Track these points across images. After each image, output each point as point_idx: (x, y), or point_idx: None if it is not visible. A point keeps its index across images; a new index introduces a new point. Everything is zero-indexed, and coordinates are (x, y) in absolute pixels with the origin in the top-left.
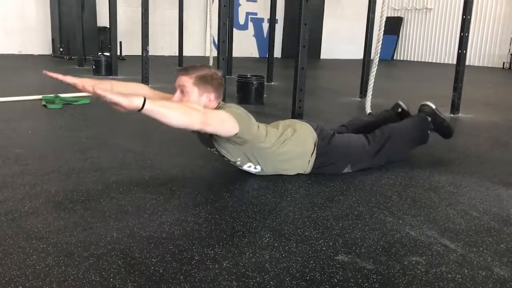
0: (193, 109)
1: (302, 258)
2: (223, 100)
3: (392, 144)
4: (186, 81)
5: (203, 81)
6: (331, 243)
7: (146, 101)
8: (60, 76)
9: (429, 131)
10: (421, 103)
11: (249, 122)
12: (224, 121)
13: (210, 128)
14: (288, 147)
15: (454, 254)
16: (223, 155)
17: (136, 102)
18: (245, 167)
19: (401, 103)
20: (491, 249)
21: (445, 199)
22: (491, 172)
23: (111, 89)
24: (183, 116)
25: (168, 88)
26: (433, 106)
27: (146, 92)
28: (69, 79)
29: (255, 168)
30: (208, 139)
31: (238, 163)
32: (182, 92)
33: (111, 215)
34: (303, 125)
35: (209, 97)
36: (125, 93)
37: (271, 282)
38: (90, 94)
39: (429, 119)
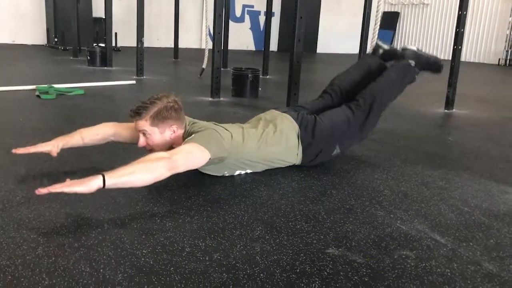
0: (156, 160)
1: (292, 251)
2: (218, 96)
3: (377, 108)
4: (143, 125)
5: (159, 119)
6: (322, 237)
7: (106, 178)
8: (31, 149)
9: (416, 75)
10: (402, 47)
11: (219, 141)
12: (192, 155)
13: (180, 170)
14: (271, 147)
15: (444, 249)
16: (208, 174)
17: (96, 184)
18: (236, 174)
19: (379, 42)
20: (481, 244)
21: (437, 194)
22: (484, 167)
23: (82, 140)
24: (148, 174)
25: (163, 80)
26: (414, 48)
27: (116, 129)
28: (41, 148)
29: (245, 172)
30: None
31: (227, 174)
32: (144, 135)
33: (103, 206)
34: (284, 119)
35: (172, 129)
36: (98, 139)
37: (261, 275)
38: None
39: (413, 63)
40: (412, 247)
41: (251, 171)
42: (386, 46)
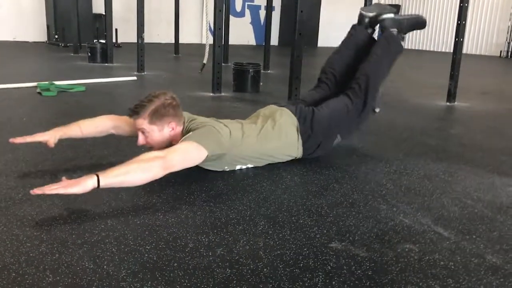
0: (151, 160)
1: (296, 245)
2: (219, 91)
3: (373, 88)
4: (142, 123)
5: (157, 116)
6: (325, 231)
7: (100, 178)
8: (28, 138)
9: (402, 43)
10: (379, 19)
11: (217, 137)
12: (188, 153)
13: (176, 168)
14: (271, 142)
15: (447, 242)
16: (210, 170)
17: (90, 184)
18: (237, 168)
19: (363, 12)
20: (484, 236)
21: (440, 187)
22: (486, 160)
23: (81, 131)
24: (143, 174)
25: (163, 76)
26: (391, 15)
27: (115, 122)
28: (39, 137)
29: (247, 167)
30: None
31: (227, 169)
32: (143, 133)
33: (106, 202)
34: (282, 113)
35: (171, 126)
36: (96, 131)
37: (265, 269)
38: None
39: (395, 32)
40: (415, 240)
41: (252, 166)
42: (370, 14)
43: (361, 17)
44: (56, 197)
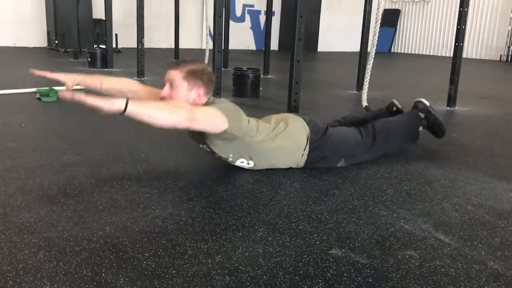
0: (179, 107)
1: (295, 252)
2: (219, 95)
3: (385, 139)
4: (176, 75)
5: (192, 76)
6: (325, 237)
7: (129, 103)
8: (48, 74)
9: (420, 128)
10: (416, 99)
11: (239, 117)
12: (212, 117)
13: (198, 125)
14: (280, 141)
15: (448, 248)
16: (214, 152)
17: (118, 105)
18: (238, 163)
19: (395, 102)
20: (485, 243)
21: (440, 193)
22: (487, 165)
23: (100, 84)
24: (169, 115)
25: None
26: (427, 103)
27: (136, 87)
28: (58, 76)
29: (248, 163)
30: (198, 135)
31: (230, 159)
32: (171, 86)
33: (104, 209)
34: (295, 119)
35: (199, 92)
36: (115, 88)
37: (264, 277)
38: (82, 87)
39: (423, 115)
40: (416, 246)
41: (253, 166)
42: (400, 106)
43: (391, 105)
44: (55, 204)
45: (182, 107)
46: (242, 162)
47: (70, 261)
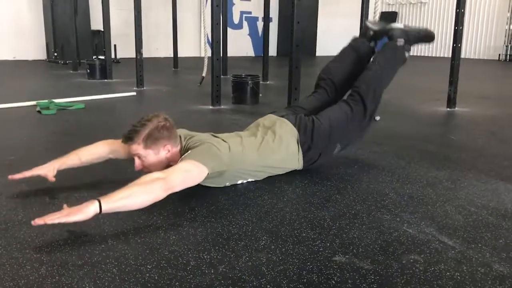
0: (152, 182)
1: (299, 260)
2: (219, 104)
3: (373, 96)
4: (137, 149)
5: (152, 140)
6: (328, 244)
7: (102, 203)
8: (27, 173)
9: (407, 54)
10: (387, 27)
11: (217, 155)
12: (188, 174)
13: (177, 189)
14: (271, 155)
15: (453, 251)
16: (210, 187)
17: (92, 211)
18: (238, 183)
19: (369, 24)
20: (490, 244)
21: (443, 195)
22: (489, 166)
23: (79, 160)
24: (144, 196)
25: (163, 90)
26: (401, 26)
27: (114, 147)
28: (37, 171)
29: (248, 181)
30: None
31: (228, 184)
32: (139, 158)
33: (106, 222)
34: (282, 124)
35: (167, 149)
36: (94, 158)
37: (268, 286)
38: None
39: (402, 42)
40: (420, 251)
41: (253, 180)
42: (375, 27)
43: (366, 29)
44: None
45: (155, 181)
46: (242, 183)
47: (73, 276)
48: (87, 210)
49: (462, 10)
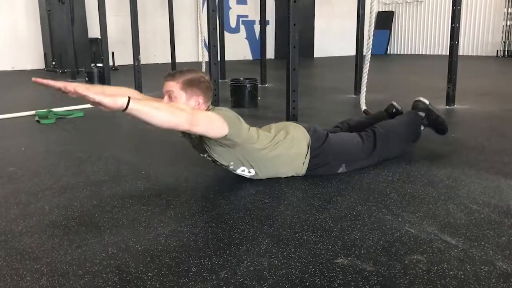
0: (181, 109)
1: (301, 263)
2: (218, 105)
3: (386, 142)
4: (173, 86)
5: (190, 85)
6: (330, 246)
7: (131, 101)
8: (50, 82)
9: (422, 127)
10: (415, 99)
11: (239, 124)
12: (212, 121)
13: (198, 129)
14: (281, 149)
15: (456, 250)
16: (215, 160)
17: (120, 102)
18: (239, 171)
19: (395, 103)
20: (493, 242)
21: (444, 194)
22: (489, 163)
23: (103, 92)
24: (170, 116)
25: (161, 96)
26: (427, 102)
27: (137, 96)
28: (59, 84)
29: (249, 172)
30: (199, 143)
31: (231, 167)
32: (169, 97)
33: (106, 229)
34: (296, 127)
35: (198, 101)
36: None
37: None
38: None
39: (423, 115)
40: (423, 250)
41: (254, 174)
42: (399, 107)
43: (390, 107)
44: (56, 228)
45: (184, 110)
46: (243, 171)
47: (73, 285)
48: (116, 100)
49: (459, 7)
